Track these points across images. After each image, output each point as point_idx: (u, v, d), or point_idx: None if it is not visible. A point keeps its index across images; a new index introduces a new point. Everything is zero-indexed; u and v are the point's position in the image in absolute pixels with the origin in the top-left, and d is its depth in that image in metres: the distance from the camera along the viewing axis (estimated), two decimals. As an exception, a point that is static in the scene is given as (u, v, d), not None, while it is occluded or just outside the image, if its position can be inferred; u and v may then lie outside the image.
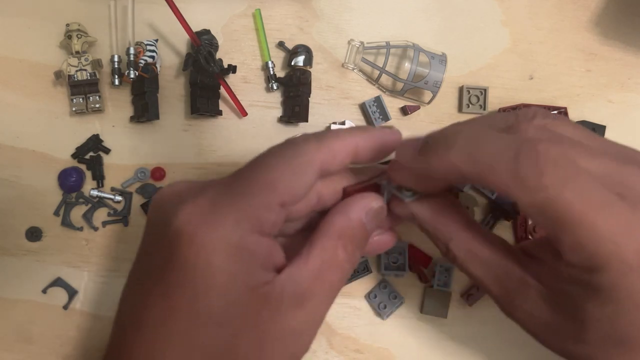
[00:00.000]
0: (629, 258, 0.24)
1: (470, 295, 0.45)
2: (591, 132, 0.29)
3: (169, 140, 0.45)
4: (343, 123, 0.46)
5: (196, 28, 0.43)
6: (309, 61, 0.45)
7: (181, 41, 0.45)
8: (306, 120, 0.45)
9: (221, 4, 0.46)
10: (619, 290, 0.25)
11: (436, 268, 0.45)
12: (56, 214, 0.44)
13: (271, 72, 0.45)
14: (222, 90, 0.44)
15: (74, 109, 0.43)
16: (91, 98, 0.43)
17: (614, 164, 0.26)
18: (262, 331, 0.25)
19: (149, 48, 0.43)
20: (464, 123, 0.30)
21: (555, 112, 0.30)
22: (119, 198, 0.44)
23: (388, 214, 0.31)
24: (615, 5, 0.49)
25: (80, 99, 0.43)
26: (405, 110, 0.47)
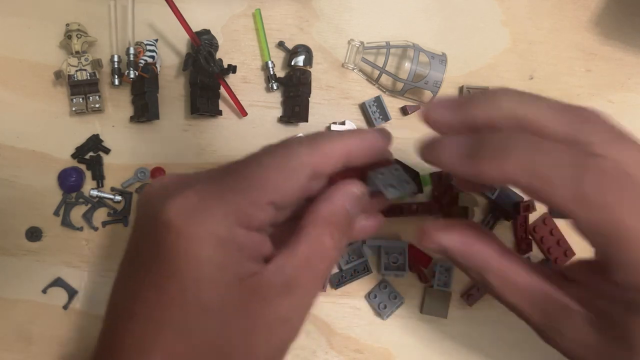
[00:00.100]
0: None
1: (470, 295, 0.45)
2: None
3: (169, 140, 0.45)
4: (343, 123, 0.46)
5: (196, 28, 0.43)
6: (309, 61, 0.45)
7: (181, 41, 0.45)
8: (306, 120, 0.45)
9: (221, 4, 0.46)
10: None
11: (436, 268, 0.45)
12: (56, 214, 0.44)
13: (271, 72, 0.45)
14: (222, 90, 0.44)
15: (74, 109, 0.43)
16: (91, 98, 0.43)
17: None
18: (251, 320, 0.26)
19: (149, 48, 0.43)
20: (525, 105, 0.28)
21: None
22: (118, 198, 0.44)
23: (372, 199, 0.32)
24: (615, 5, 0.49)
25: (80, 99, 0.43)
26: (405, 110, 0.47)
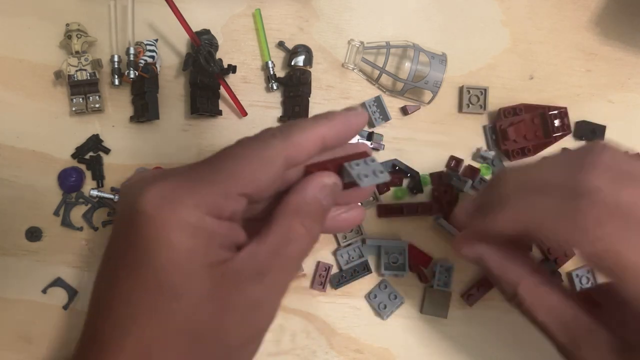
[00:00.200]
0: None
1: (470, 296, 0.45)
2: None
3: (169, 140, 0.45)
4: (343, 123, 0.45)
5: (196, 28, 0.43)
6: (309, 61, 0.45)
7: (181, 41, 0.45)
8: (306, 120, 0.45)
9: (221, 4, 0.46)
10: None
11: (436, 268, 0.45)
12: (56, 214, 0.44)
13: (271, 72, 0.45)
14: (222, 90, 0.44)
15: (74, 109, 0.43)
16: (91, 98, 0.43)
17: None
18: (221, 304, 0.27)
19: (149, 48, 0.43)
20: (522, 171, 0.31)
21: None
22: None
23: (352, 192, 0.32)
24: (615, 5, 0.49)
25: (80, 99, 0.43)
26: (405, 110, 0.47)
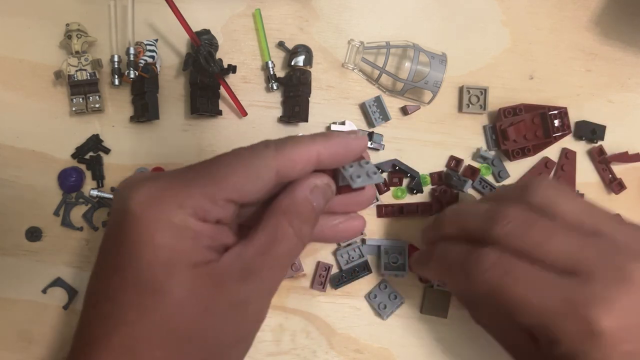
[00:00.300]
0: (571, 328, 0.30)
1: (470, 295, 0.45)
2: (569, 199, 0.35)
3: (169, 140, 0.45)
4: (343, 123, 0.46)
5: (196, 28, 0.43)
6: (309, 61, 0.45)
7: (181, 41, 0.45)
8: (306, 120, 0.45)
9: (221, 4, 0.46)
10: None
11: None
12: (56, 214, 0.44)
13: (271, 72, 0.45)
14: (222, 90, 0.44)
15: (74, 109, 0.43)
16: (91, 98, 0.43)
17: (574, 245, 0.32)
18: (206, 304, 0.27)
19: (149, 48, 0.43)
20: (454, 216, 0.40)
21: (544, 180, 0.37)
22: (119, 198, 0.44)
23: (353, 198, 0.33)
24: (615, 5, 0.49)
25: (80, 99, 0.43)
26: (405, 110, 0.47)
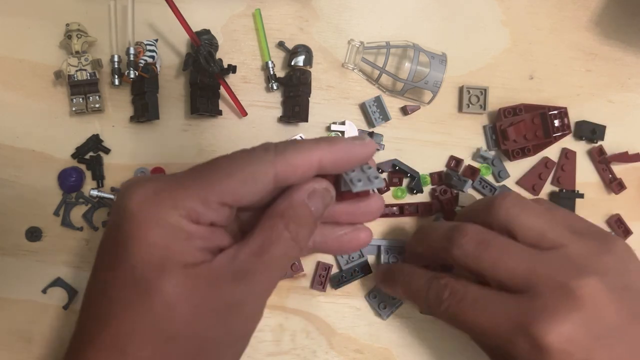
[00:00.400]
0: (522, 345, 0.32)
1: (470, 295, 0.45)
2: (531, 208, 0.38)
3: (169, 140, 0.45)
4: (343, 123, 0.46)
5: (196, 28, 0.43)
6: (309, 61, 0.45)
7: (181, 41, 0.45)
8: (306, 120, 0.45)
9: (221, 4, 0.46)
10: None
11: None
12: (56, 214, 0.44)
13: (271, 72, 0.45)
14: (222, 90, 0.44)
15: (74, 109, 0.43)
16: (91, 98, 0.43)
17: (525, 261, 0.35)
18: (196, 304, 0.27)
19: (149, 48, 0.43)
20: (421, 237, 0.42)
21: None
22: (119, 198, 0.44)
23: (359, 208, 0.33)
24: (615, 5, 0.49)
25: (80, 99, 0.43)
26: (405, 110, 0.47)
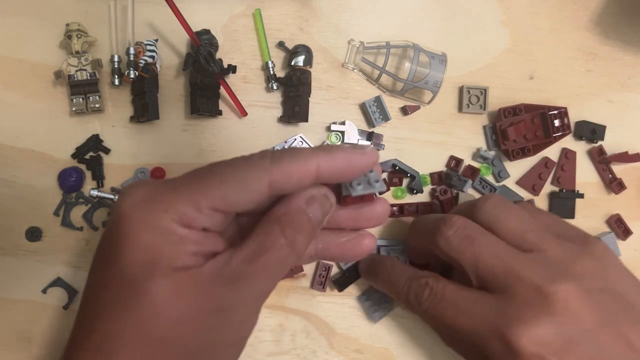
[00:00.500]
0: (497, 347, 0.34)
1: (470, 295, 0.45)
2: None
3: (169, 140, 0.45)
4: (343, 123, 0.46)
5: (196, 28, 0.43)
6: (309, 61, 0.45)
7: (181, 41, 0.45)
8: (306, 120, 0.45)
9: (221, 4, 0.46)
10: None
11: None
12: (56, 214, 0.44)
13: (271, 72, 0.45)
14: (222, 90, 0.44)
15: (74, 109, 0.43)
16: (91, 98, 0.43)
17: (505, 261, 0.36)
18: (185, 307, 0.27)
19: (149, 48, 0.43)
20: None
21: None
22: (119, 198, 0.44)
23: (362, 215, 0.32)
24: (616, 5, 0.49)
25: (80, 99, 0.43)
26: (405, 110, 0.47)
